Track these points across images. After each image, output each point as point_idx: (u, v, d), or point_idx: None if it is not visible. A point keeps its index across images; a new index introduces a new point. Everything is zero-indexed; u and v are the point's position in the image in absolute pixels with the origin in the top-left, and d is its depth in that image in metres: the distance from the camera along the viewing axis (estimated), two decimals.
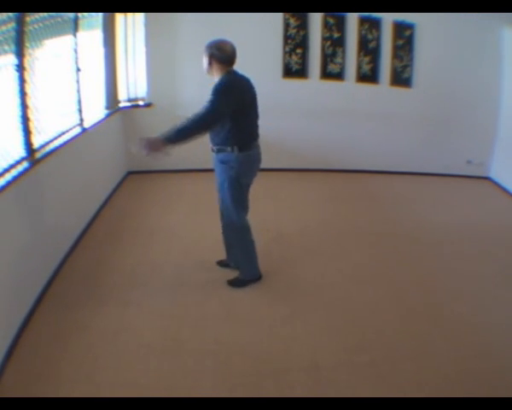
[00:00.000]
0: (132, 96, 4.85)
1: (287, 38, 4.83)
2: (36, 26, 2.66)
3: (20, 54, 2.43)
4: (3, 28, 2.31)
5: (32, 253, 2.54)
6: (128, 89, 4.80)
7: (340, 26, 4.84)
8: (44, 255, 2.74)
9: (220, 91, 2.41)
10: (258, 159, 2.69)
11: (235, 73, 2.54)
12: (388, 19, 4.83)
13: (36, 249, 2.60)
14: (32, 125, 2.63)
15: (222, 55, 2.46)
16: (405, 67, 4.99)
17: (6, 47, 2.35)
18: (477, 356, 2.29)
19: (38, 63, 2.75)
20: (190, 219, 3.84)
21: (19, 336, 2.26)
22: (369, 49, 4.93)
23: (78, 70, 3.52)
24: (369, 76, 5.00)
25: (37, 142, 2.70)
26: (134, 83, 4.82)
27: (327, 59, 4.93)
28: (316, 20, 4.81)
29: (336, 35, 4.87)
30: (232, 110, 2.42)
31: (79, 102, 3.57)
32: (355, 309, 2.66)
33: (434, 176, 5.32)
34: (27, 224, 2.49)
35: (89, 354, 2.19)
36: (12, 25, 2.35)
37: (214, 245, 3.34)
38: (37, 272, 2.64)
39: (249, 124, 2.59)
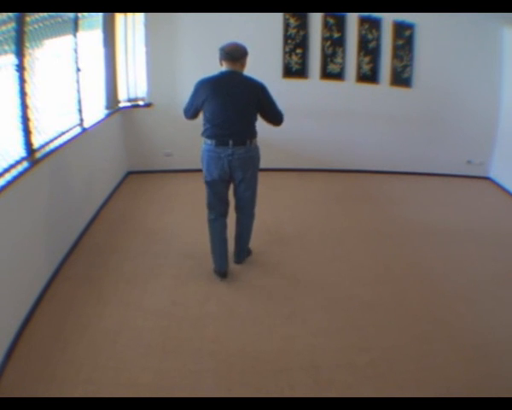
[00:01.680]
0: (132, 96, 4.85)
1: (287, 38, 4.83)
2: (36, 26, 2.66)
3: (20, 54, 2.43)
4: (3, 28, 2.31)
5: (32, 253, 2.55)
6: (128, 89, 4.80)
7: (340, 26, 4.84)
8: (44, 255, 2.74)
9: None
10: (217, 157, 2.72)
11: (223, 73, 2.72)
12: (388, 19, 4.84)
13: (36, 249, 2.60)
14: (32, 125, 2.63)
15: (225, 55, 2.68)
16: (405, 67, 4.99)
17: (6, 47, 2.35)
18: (477, 357, 2.29)
19: (38, 63, 2.75)
20: (190, 219, 3.84)
21: (19, 336, 2.26)
22: (369, 49, 4.93)
23: (78, 70, 3.52)
24: (369, 76, 5.00)
25: (37, 142, 2.70)
26: (134, 83, 4.82)
27: (327, 59, 4.93)
28: (316, 20, 4.81)
29: (336, 35, 4.87)
30: (200, 101, 2.71)
31: (79, 102, 3.57)
32: (355, 309, 2.66)
33: (434, 176, 5.32)
34: (27, 224, 2.48)
35: (89, 354, 2.19)
36: (12, 25, 2.35)
37: None
38: (38, 272, 2.63)
39: (211, 117, 2.70)
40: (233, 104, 2.66)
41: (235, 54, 2.69)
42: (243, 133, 2.73)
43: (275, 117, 2.86)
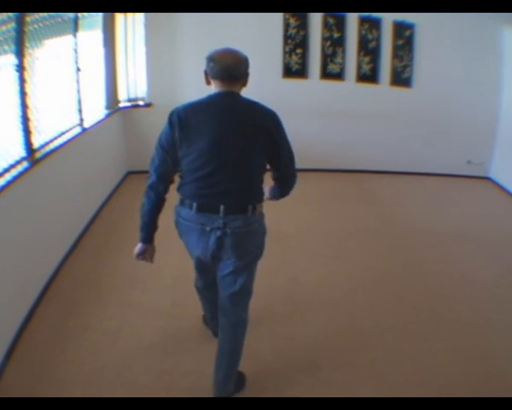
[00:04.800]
0: (132, 96, 4.85)
1: (287, 38, 4.83)
2: (36, 26, 2.67)
3: (20, 54, 2.43)
4: (3, 28, 2.31)
5: (32, 253, 2.54)
6: (128, 89, 4.80)
7: (340, 26, 4.84)
8: (44, 255, 2.74)
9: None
10: (199, 230, 1.76)
11: (213, 96, 1.72)
12: (388, 19, 4.84)
13: (36, 249, 2.60)
14: (32, 125, 2.63)
15: (219, 73, 1.68)
16: (405, 67, 4.99)
17: (6, 47, 2.35)
18: (478, 357, 2.29)
19: (38, 63, 2.75)
20: None
21: (19, 336, 2.26)
22: (369, 49, 4.93)
23: (78, 70, 3.52)
24: (369, 76, 5.00)
25: (37, 142, 2.70)
26: (134, 83, 4.82)
27: (327, 59, 4.93)
28: (316, 20, 4.81)
29: (336, 35, 4.87)
30: (173, 142, 1.76)
31: (79, 102, 3.57)
32: (355, 309, 2.66)
33: (434, 176, 5.32)
34: (27, 224, 2.48)
35: (89, 354, 2.19)
36: (12, 25, 2.35)
37: None
38: (37, 272, 2.63)
39: (192, 166, 1.71)
40: (228, 146, 1.67)
41: (234, 71, 1.67)
42: (243, 195, 1.74)
43: (287, 171, 1.91)
